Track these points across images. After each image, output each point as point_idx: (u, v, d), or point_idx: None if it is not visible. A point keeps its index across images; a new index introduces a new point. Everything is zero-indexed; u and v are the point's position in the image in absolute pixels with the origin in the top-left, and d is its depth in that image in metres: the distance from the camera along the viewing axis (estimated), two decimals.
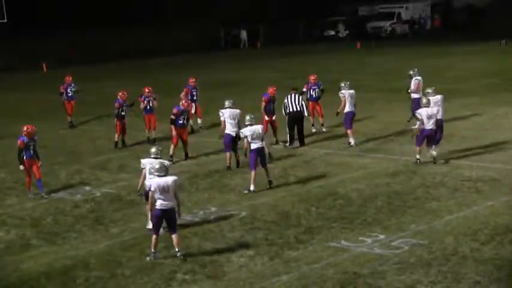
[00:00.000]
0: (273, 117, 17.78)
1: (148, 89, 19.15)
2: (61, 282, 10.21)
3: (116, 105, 18.61)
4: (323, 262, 10.33)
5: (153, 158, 11.72)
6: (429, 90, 16.01)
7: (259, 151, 13.94)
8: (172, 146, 16.63)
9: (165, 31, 48.94)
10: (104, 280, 10.17)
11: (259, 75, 32.71)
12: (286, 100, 17.57)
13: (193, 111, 19.98)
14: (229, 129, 15.79)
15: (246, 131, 13.95)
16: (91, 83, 32.85)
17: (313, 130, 19.18)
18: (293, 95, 17.58)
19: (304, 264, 10.30)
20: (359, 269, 9.98)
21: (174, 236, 10.65)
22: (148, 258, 10.69)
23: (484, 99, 20.76)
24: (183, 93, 20.00)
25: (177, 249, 10.63)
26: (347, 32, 54.69)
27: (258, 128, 14.10)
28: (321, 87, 19.42)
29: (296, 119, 17.43)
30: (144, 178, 11.69)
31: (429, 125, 14.97)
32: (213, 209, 13.11)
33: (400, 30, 53.98)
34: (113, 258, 10.95)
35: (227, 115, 15.88)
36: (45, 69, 38.81)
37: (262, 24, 52.53)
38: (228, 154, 15.73)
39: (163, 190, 10.47)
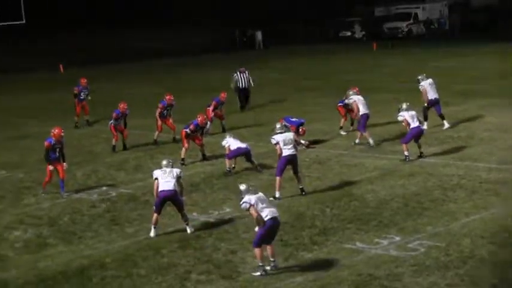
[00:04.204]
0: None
1: (170, 96, 19.07)
2: (77, 281, 10.29)
3: (114, 115, 18.38)
4: (338, 263, 10.31)
5: (164, 167, 11.87)
6: None
7: (290, 158, 13.52)
8: (183, 149, 16.52)
9: (179, 32, 49.09)
10: (120, 279, 10.23)
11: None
12: (236, 77, 23.59)
13: (212, 114, 19.91)
14: (237, 146, 15.57)
15: (277, 137, 13.56)
16: (108, 83, 33.01)
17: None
18: (242, 74, 23.61)
19: (318, 265, 10.28)
20: (374, 271, 9.94)
21: (271, 247, 10.27)
22: (258, 273, 10.03)
23: (502, 100, 20.55)
24: (211, 108, 19.85)
25: (272, 259, 10.25)
26: (363, 32, 54.45)
27: (289, 134, 13.81)
28: None
29: (245, 93, 23.75)
30: (157, 189, 11.71)
31: (414, 123, 15.86)
32: (228, 209, 13.12)
33: (416, 31, 53.62)
34: (128, 257, 11.01)
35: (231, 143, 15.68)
36: (61, 69, 39.04)
37: (278, 25, 52.44)
38: (227, 161, 15.49)
39: (264, 201, 10.24)
